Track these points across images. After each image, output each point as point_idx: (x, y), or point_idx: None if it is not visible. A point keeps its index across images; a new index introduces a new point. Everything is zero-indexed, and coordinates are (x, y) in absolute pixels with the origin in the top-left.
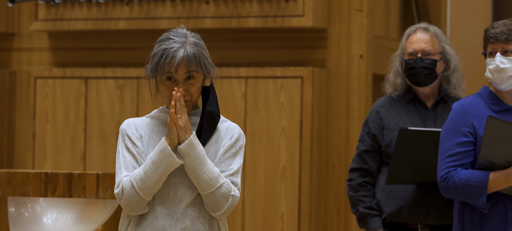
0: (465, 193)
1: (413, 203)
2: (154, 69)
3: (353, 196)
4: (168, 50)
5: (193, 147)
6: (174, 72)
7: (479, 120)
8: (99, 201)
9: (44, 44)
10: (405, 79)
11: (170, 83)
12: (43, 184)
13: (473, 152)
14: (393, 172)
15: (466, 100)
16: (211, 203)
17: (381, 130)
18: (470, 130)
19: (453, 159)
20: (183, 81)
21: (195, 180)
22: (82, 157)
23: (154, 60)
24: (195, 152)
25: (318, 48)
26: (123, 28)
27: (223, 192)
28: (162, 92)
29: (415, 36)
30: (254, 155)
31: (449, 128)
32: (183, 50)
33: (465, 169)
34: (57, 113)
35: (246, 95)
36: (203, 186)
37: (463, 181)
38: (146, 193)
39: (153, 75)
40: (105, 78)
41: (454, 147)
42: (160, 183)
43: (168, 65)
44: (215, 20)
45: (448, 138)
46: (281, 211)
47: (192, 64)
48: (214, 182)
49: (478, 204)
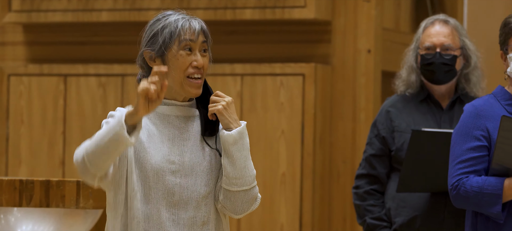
0: (478, 202)
1: (427, 213)
2: (166, 42)
3: (360, 206)
4: (180, 19)
5: (242, 136)
6: (196, 38)
7: (494, 122)
8: (80, 211)
9: (18, 38)
10: (420, 76)
11: (188, 53)
12: (17, 192)
13: (487, 157)
14: (404, 179)
15: (479, 101)
16: (239, 202)
17: (391, 132)
18: (484, 133)
19: (465, 165)
20: (199, 52)
21: (234, 172)
22: (60, 162)
23: (165, 33)
24: (243, 142)
25: (321, 43)
26: (106, 20)
27: (254, 194)
28: (176, 66)
29: (434, 29)
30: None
31: (461, 132)
32: (195, 20)
33: (478, 176)
34: (33, 115)
35: (242, 95)
36: (240, 181)
37: (476, 188)
38: (90, 160)
39: (160, 54)
40: (86, 75)
41: (466, 152)
42: (106, 156)
43: (188, 31)
44: (208, 11)
45: (460, 143)
46: (280, 222)
47: (207, 35)
48: (251, 180)
49: (492, 213)
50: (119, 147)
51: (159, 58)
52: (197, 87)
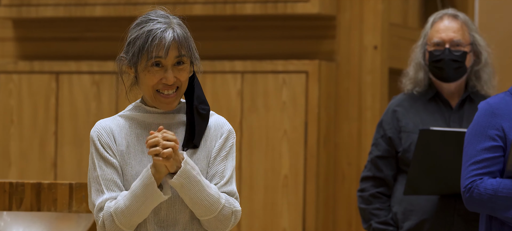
0: (492, 205)
1: (436, 216)
2: (136, 55)
3: (365, 209)
4: (154, 31)
5: (187, 176)
6: (164, 56)
7: (510, 121)
8: (72, 215)
9: (8, 34)
10: (428, 74)
11: (157, 70)
12: (7, 195)
13: (503, 158)
14: (412, 180)
15: (494, 100)
16: (213, 227)
17: (398, 133)
18: (499, 133)
19: (479, 166)
20: (171, 66)
21: (193, 208)
22: (52, 164)
23: (136, 45)
24: (189, 181)
25: (325, 39)
26: (100, 15)
27: (226, 214)
28: (144, 82)
29: (442, 24)
30: (252, 161)
31: (475, 131)
32: (171, 30)
33: (492, 178)
34: (24, 114)
35: (243, 93)
36: (203, 213)
37: (490, 191)
38: (128, 226)
39: (133, 64)
40: (79, 73)
41: (480, 153)
42: (145, 215)
43: (156, 48)
44: (207, 6)
45: (474, 143)
46: (283, 227)
47: (183, 47)
48: (215, 207)
49: (507, 217)
50: (158, 203)
51: (133, 68)
52: (167, 103)
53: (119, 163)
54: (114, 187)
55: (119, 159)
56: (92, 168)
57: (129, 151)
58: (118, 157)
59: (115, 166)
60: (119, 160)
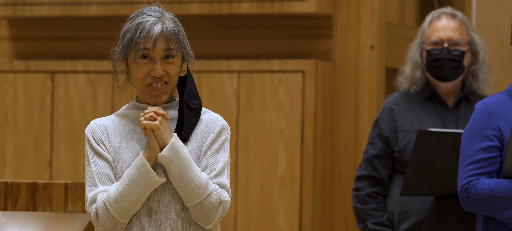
0: (489, 206)
1: (433, 217)
2: (125, 48)
3: (361, 209)
4: (143, 23)
5: (177, 150)
6: (152, 48)
7: (507, 121)
8: (68, 215)
9: (3, 33)
10: (425, 73)
11: (145, 62)
12: (2, 195)
13: (499, 159)
14: (409, 181)
15: (491, 99)
16: (200, 215)
17: (394, 132)
18: (496, 133)
19: (476, 167)
20: (160, 60)
21: (180, 189)
22: (48, 164)
23: (126, 37)
24: (179, 157)
25: (322, 38)
26: (96, 14)
27: (213, 201)
28: (134, 75)
29: (440, 23)
30: (248, 161)
31: (472, 131)
32: (160, 24)
33: (489, 178)
34: (19, 113)
35: (239, 93)
36: (189, 196)
37: (487, 191)
38: (122, 215)
39: (124, 57)
40: (74, 72)
41: (477, 153)
42: (139, 204)
43: (144, 39)
44: (203, 5)
45: (470, 143)
46: (279, 227)
47: (172, 41)
48: (202, 190)
49: (504, 218)
50: (152, 189)
51: (124, 61)
52: (157, 96)
53: (112, 157)
54: (107, 181)
55: (112, 154)
56: (87, 163)
57: (121, 146)
58: (111, 152)
59: (109, 160)
60: (112, 155)
